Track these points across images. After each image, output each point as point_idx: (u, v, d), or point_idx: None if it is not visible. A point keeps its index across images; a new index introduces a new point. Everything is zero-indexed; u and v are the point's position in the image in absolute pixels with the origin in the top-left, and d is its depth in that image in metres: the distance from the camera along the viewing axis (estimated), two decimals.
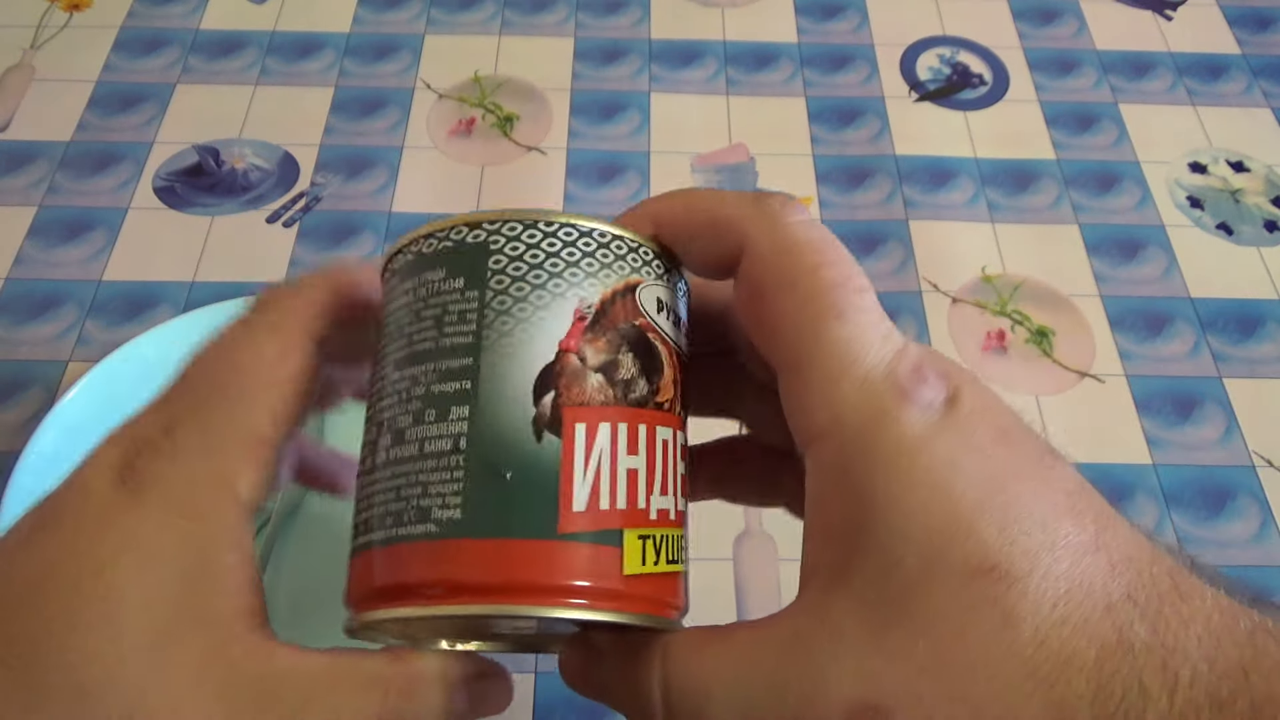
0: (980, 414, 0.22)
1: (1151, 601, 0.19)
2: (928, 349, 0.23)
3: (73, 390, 0.44)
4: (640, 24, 0.69)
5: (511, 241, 0.23)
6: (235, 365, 0.25)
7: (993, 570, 0.19)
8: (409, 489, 0.23)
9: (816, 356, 0.22)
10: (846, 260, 0.23)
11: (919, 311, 0.55)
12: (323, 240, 0.57)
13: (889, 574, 0.20)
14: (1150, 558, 0.20)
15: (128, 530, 0.23)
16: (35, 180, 0.59)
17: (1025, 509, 0.20)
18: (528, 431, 0.22)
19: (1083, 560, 0.20)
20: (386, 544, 0.23)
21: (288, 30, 0.68)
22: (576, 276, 0.24)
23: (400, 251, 0.25)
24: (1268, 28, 0.71)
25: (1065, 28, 0.71)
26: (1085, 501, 0.21)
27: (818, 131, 0.64)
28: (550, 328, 0.23)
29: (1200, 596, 0.20)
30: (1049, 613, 0.19)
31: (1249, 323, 0.55)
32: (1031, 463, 0.21)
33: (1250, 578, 0.47)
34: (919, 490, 0.20)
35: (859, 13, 0.71)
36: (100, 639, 0.22)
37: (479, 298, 0.23)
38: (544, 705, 0.42)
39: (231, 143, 0.61)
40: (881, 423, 0.21)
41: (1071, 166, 0.62)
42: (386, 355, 0.25)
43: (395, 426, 0.23)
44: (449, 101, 0.64)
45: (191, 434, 0.24)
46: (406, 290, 0.24)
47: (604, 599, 0.22)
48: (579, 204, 0.59)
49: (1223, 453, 0.50)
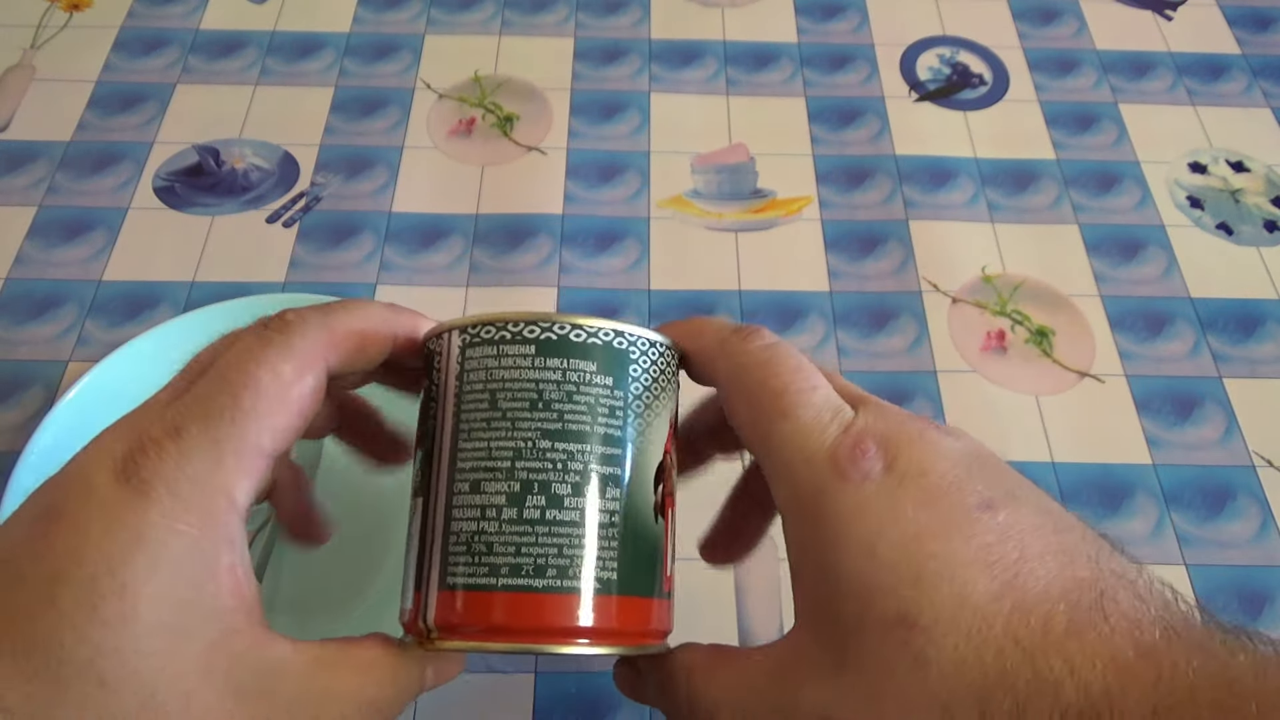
0: (912, 479, 0.26)
1: (1038, 643, 0.23)
2: (880, 412, 0.27)
3: (73, 390, 0.44)
4: (640, 24, 0.69)
5: (643, 355, 0.29)
6: (251, 381, 0.26)
7: (904, 620, 0.24)
8: (571, 549, 0.27)
9: (771, 450, 0.28)
10: (788, 370, 0.28)
11: (919, 311, 0.55)
12: (323, 240, 0.57)
13: (836, 625, 0.25)
14: (1058, 596, 0.24)
15: (136, 530, 0.24)
16: (35, 180, 0.59)
17: (938, 565, 0.24)
18: (650, 513, 0.29)
19: (984, 608, 0.23)
20: (548, 591, 0.27)
21: (288, 30, 0.68)
22: (670, 390, 0.30)
23: (530, 323, 0.28)
24: (1268, 28, 0.71)
25: (1065, 28, 0.71)
26: (1001, 551, 0.24)
27: (818, 131, 0.64)
28: (662, 430, 0.29)
29: (1095, 630, 0.23)
30: (950, 654, 0.23)
31: (1249, 323, 0.55)
32: (953, 521, 0.25)
33: (1250, 578, 0.47)
34: (853, 557, 0.25)
35: (859, 13, 0.71)
36: (117, 633, 0.23)
37: (624, 399, 0.29)
38: (544, 705, 0.42)
39: (231, 143, 0.62)
40: (823, 500, 0.26)
41: (1071, 166, 0.62)
42: (523, 418, 0.28)
43: (551, 491, 0.27)
44: (449, 101, 0.64)
45: (200, 442, 0.25)
46: (551, 368, 0.28)
47: (664, 636, 0.30)
48: (579, 204, 0.59)
49: (1223, 453, 0.50)
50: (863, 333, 0.54)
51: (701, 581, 0.32)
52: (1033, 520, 0.25)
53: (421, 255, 0.56)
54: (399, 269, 0.56)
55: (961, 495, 0.26)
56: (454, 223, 0.58)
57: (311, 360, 0.27)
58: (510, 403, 0.28)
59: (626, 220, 0.59)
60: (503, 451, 0.27)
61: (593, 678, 0.43)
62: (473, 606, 0.27)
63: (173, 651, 0.24)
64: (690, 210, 0.59)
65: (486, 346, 0.28)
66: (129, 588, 0.23)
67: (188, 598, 0.24)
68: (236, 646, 0.25)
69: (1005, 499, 0.26)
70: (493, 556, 0.27)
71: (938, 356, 0.53)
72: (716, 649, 0.29)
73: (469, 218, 0.58)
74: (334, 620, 0.42)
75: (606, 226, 0.58)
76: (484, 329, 0.29)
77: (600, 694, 0.42)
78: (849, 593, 0.25)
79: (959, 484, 0.26)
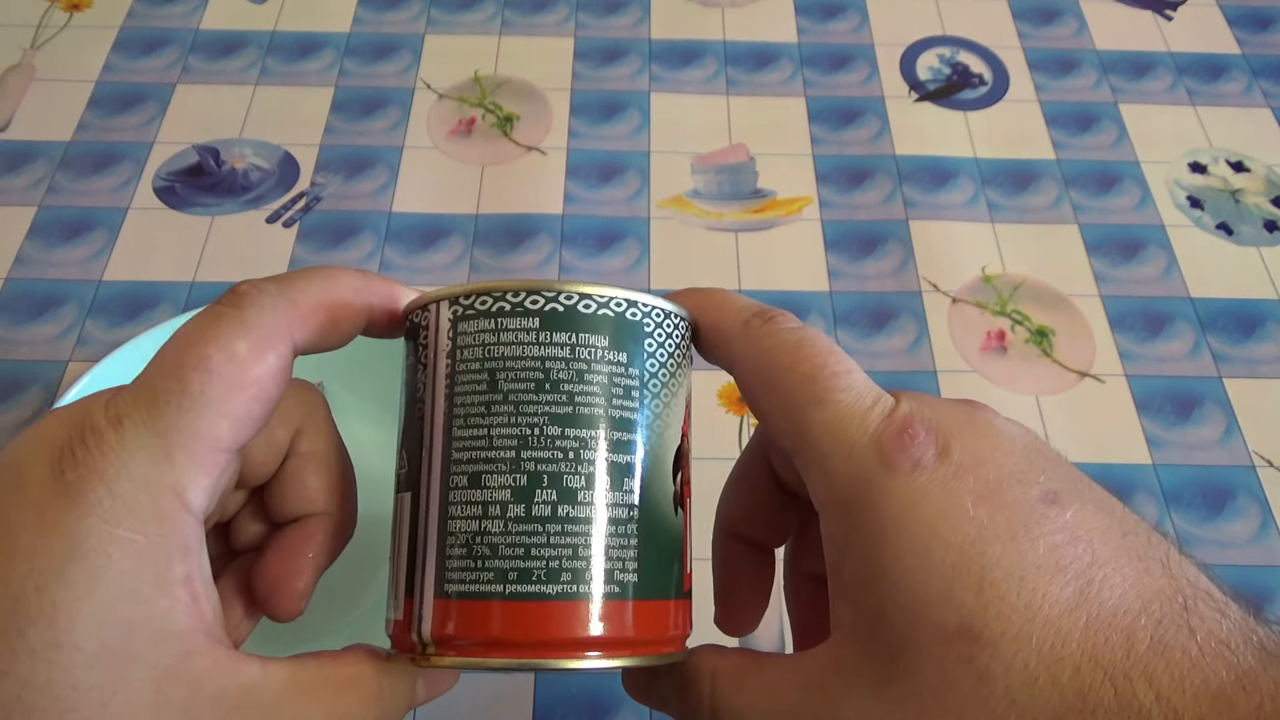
0: (969, 469, 0.23)
1: (1120, 663, 0.20)
2: (922, 399, 0.25)
3: (73, 390, 0.44)
4: (640, 24, 0.69)
5: (658, 327, 0.26)
6: (200, 362, 0.22)
7: (968, 632, 0.21)
8: (587, 550, 0.24)
9: (806, 442, 0.25)
10: (821, 353, 0.25)
11: (919, 311, 0.55)
12: (323, 240, 0.57)
13: (885, 634, 0.22)
14: (1138, 609, 0.21)
15: (70, 536, 0.21)
16: (35, 180, 0.59)
17: (1003, 570, 0.21)
18: (670, 504, 0.26)
19: (1058, 620, 0.21)
20: (563, 598, 0.24)
21: (288, 30, 0.68)
22: (686, 367, 0.27)
23: (534, 292, 0.25)
24: (1268, 28, 0.71)
25: (1065, 28, 0.71)
26: (1073, 553, 0.22)
27: (818, 131, 0.64)
28: (679, 412, 0.27)
29: (1183, 650, 0.20)
30: (1020, 672, 0.20)
31: (1249, 323, 0.55)
32: (1018, 518, 0.22)
33: (1250, 578, 0.47)
34: (904, 558, 0.22)
35: (859, 13, 0.71)
36: (47, 665, 0.20)
37: (640, 377, 0.26)
38: (544, 705, 0.42)
39: (231, 143, 0.62)
40: (869, 493, 0.23)
41: (1071, 166, 0.62)
42: (528, 401, 0.25)
43: (564, 484, 0.24)
44: (449, 101, 0.64)
45: (142, 432, 0.22)
46: (559, 344, 0.25)
47: (685, 640, 0.27)
48: (579, 204, 0.59)
49: (1223, 453, 0.50)
50: (863, 333, 0.54)
51: (705, 578, 0.31)
52: (1100, 519, 0.23)
53: (421, 255, 0.56)
54: (399, 269, 0.56)
55: (1025, 488, 0.23)
56: (454, 223, 0.58)
57: (271, 336, 0.24)
58: (513, 384, 0.25)
59: (626, 220, 0.59)
60: (506, 440, 0.24)
61: (594, 677, 0.43)
62: (475, 617, 0.24)
63: (117, 683, 0.20)
64: (690, 210, 0.59)
65: (483, 320, 0.25)
66: (61, 608, 0.20)
67: (133, 617, 0.21)
68: (194, 672, 0.22)
69: (1070, 493, 0.23)
70: (498, 560, 0.24)
71: (938, 356, 0.53)
72: (744, 654, 0.26)
73: (469, 218, 0.58)
74: (333, 622, 0.42)
75: (606, 226, 0.58)
76: (478, 299, 0.25)
77: (601, 693, 0.42)
78: (901, 599, 0.22)
79: (1021, 474, 0.23)
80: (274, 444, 0.27)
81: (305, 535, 0.27)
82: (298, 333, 0.25)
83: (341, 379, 0.45)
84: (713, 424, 0.50)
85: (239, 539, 0.28)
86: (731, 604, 0.31)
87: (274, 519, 0.28)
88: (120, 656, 0.21)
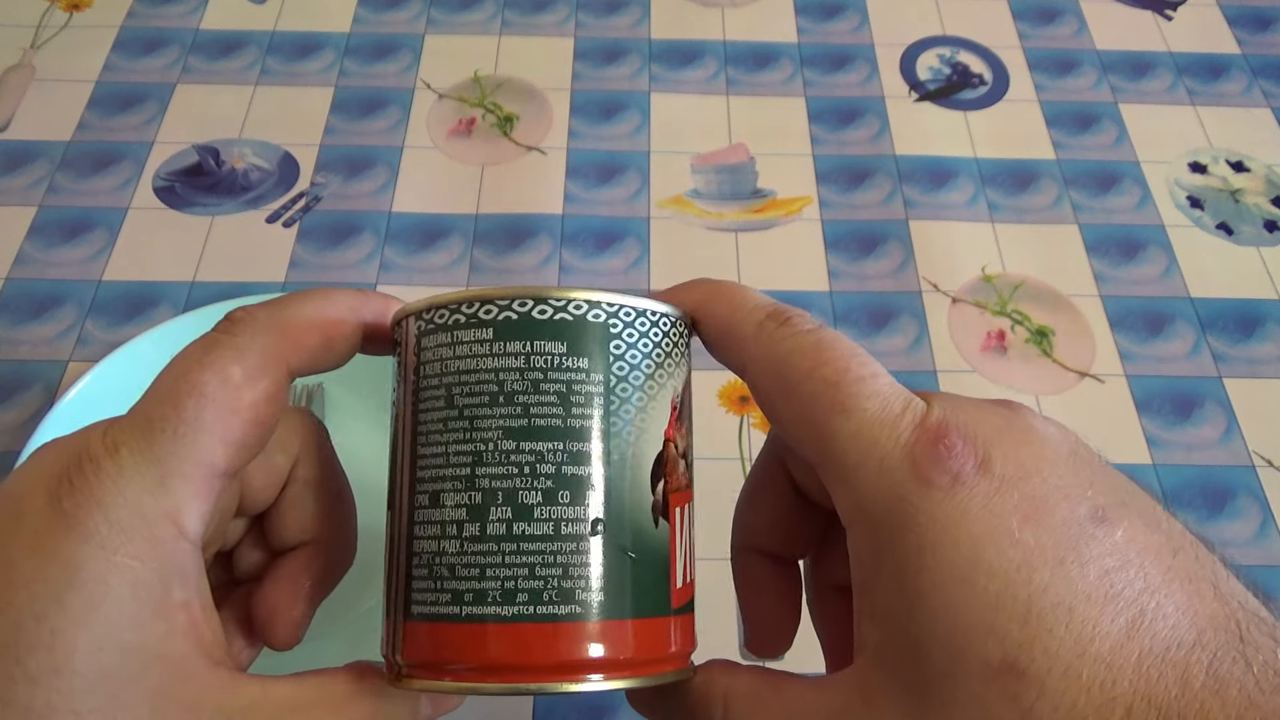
0: (1012, 483, 0.21)
1: (1174, 703, 0.19)
2: (955, 403, 0.23)
3: (73, 390, 0.44)
4: (640, 24, 0.69)
5: (628, 328, 0.25)
6: (194, 388, 0.23)
7: (1012, 668, 0.20)
8: (545, 569, 0.23)
9: (832, 453, 0.23)
10: (843, 356, 0.23)
11: (919, 311, 0.55)
12: (323, 240, 0.57)
13: (919, 665, 0.21)
14: (1193, 642, 0.20)
15: (69, 564, 0.21)
16: (35, 180, 0.59)
17: (1051, 599, 0.20)
18: (648, 517, 0.24)
19: (1109, 656, 0.19)
20: (519, 620, 0.23)
21: (288, 30, 0.68)
22: (670, 367, 0.25)
23: (487, 302, 0.24)
24: (1268, 28, 0.71)
25: (1065, 28, 0.71)
26: (1125, 579, 0.20)
27: (818, 131, 0.64)
28: (659, 417, 0.25)
29: (1239, 685, 0.19)
30: (1068, 712, 0.19)
31: (1249, 323, 0.55)
32: (1067, 539, 0.21)
33: (1250, 578, 0.47)
34: (945, 586, 0.21)
35: (859, 13, 0.71)
36: (47, 692, 0.20)
37: (604, 382, 0.24)
38: (544, 704, 0.42)
39: (231, 143, 0.62)
40: (904, 510, 0.22)
41: (1071, 166, 0.62)
42: (482, 416, 0.24)
43: (519, 501, 0.23)
44: (449, 101, 0.64)
45: (138, 459, 0.22)
46: (513, 354, 0.24)
47: (686, 658, 0.26)
48: (579, 204, 0.59)
49: (1223, 453, 0.50)
50: (863, 333, 0.54)
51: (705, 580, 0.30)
52: (1148, 537, 0.21)
53: (421, 255, 0.56)
54: (399, 269, 0.56)
55: (1073, 505, 0.21)
56: (454, 223, 0.58)
57: (265, 361, 0.24)
58: (468, 398, 0.24)
59: (626, 220, 0.59)
60: (461, 457, 0.24)
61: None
62: (439, 639, 0.23)
63: (116, 707, 0.21)
64: (690, 210, 0.59)
65: (441, 333, 0.24)
66: (60, 635, 0.20)
67: (132, 642, 0.21)
68: (193, 694, 0.22)
69: (1118, 508, 0.21)
70: (455, 581, 0.23)
71: (938, 356, 0.53)
72: (759, 674, 0.25)
73: (469, 218, 0.58)
74: (332, 624, 0.42)
75: (606, 226, 0.58)
76: (438, 313, 0.24)
77: (601, 697, 0.42)
78: (939, 631, 0.21)
79: (1068, 490, 0.21)
80: (273, 471, 0.27)
81: (303, 564, 0.27)
82: (292, 356, 0.24)
83: (340, 378, 0.45)
84: (713, 424, 0.50)
85: (240, 568, 0.28)
86: (760, 624, 0.29)
87: (273, 547, 0.28)
88: (119, 681, 0.21)
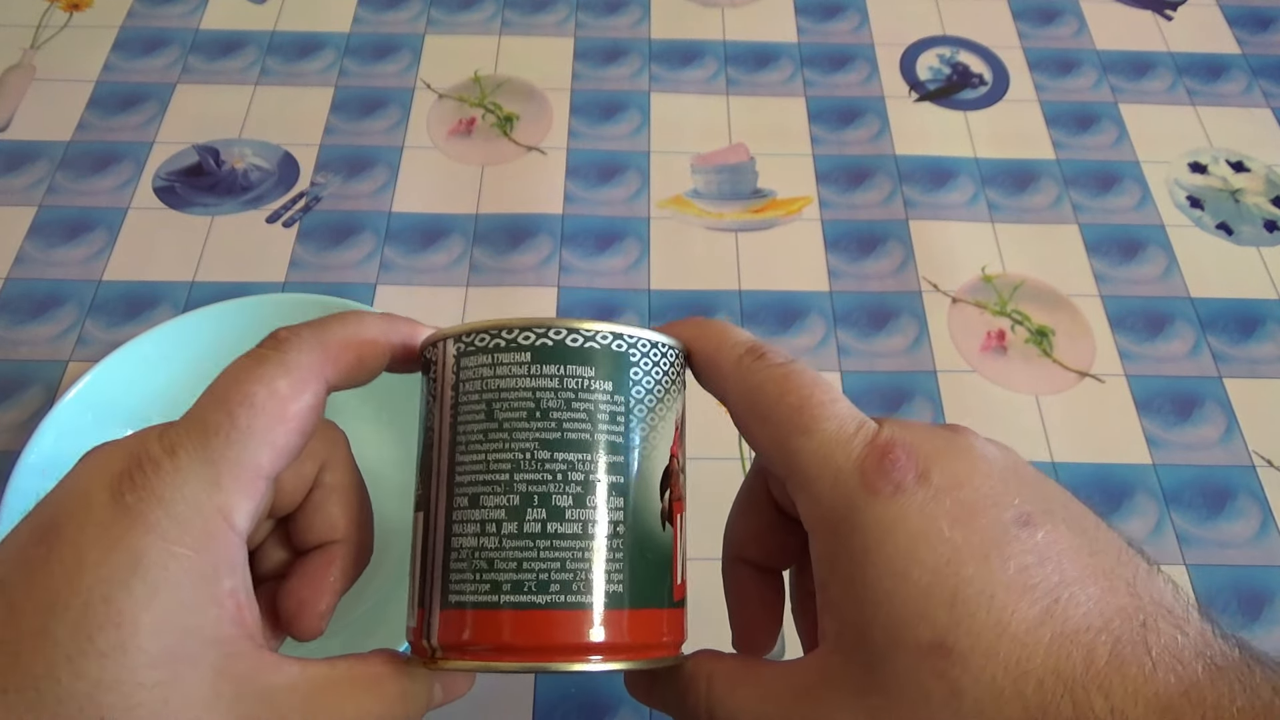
0: (946, 492, 0.24)
1: (1079, 677, 0.22)
2: (904, 425, 0.26)
3: (73, 390, 0.44)
4: (640, 24, 0.69)
5: (644, 357, 0.28)
6: (246, 398, 0.25)
7: (940, 648, 0.23)
8: (575, 563, 0.26)
9: (795, 468, 0.26)
10: (806, 385, 0.27)
11: (919, 311, 0.55)
12: (323, 240, 0.57)
13: (866, 648, 0.24)
14: (1100, 626, 0.22)
15: (132, 552, 0.23)
16: (35, 180, 0.59)
17: (975, 589, 0.23)
18: (658, 521, 0.28)
19: (1024, 636, 0.22)
20: (552, 608, 0.26)
21: (288, 30, 0.68)
22: (675, 392, 0.29)
23: (526, 329, 0.27)
24: (1268, 28, 0.71)
25: (1065, 28, 0.71)
26: (1042, 573, 0.23)
27: (818, 131, 0.64)
28: (667, 434, 0.29)
29: (1138, 665, 0.22)
30: (988, 686, 0.22)
31: (1249, 323, 0.55)
32: (991, 539, 0.24)
33: (1250, 578, 0.47)
34: (884, 579, 0.24)
35: (859, 13, 0.71)
36: (115, 665, 0.22)
37: (625, 404, 0.28)
38: (544, 705, 0.42)
39: (231, 143, 0.62)
40: (852, 516, 0.25)
41: (1071, 166, 0.62)
42: (521, 429, 0.27)
43: (552, 503, 0.26)
44: (449, 101, 0.64)
45: (195, 460, 0.24)
46: (549, 375, 0.27)
47: (679, 647, 0.29)
48: (578, 204, 0.59)
49: (1223, 453, 0.50)
50: (863, 333, 0.54)
51: (696, 583, 0.31)
52: (1070, 540, 0.24)
53: (421, 255, 0.56)
54: (399, 269, 0.56)
55: (999, 511, 0.24)
56: (454, 223, 0.58)
57: (308, 376, 0.26)
58: (507, 413, 0.27)
59: (626, 220, 0.59)
60: (501, 464, 0.27)
61: (593, 677, 0.43)
62: (477, 625, 0.26)
63: (176, 681, 0.23)
64: (690, 210, 0.59)
65: (481, 355, 0.28)
66: (127, 615, 0.23)
67: (189, 624, 0.23)
68: (242, 671, 0.24)
69: (1043, 515, 0.25)
70: (494, 573, 0.26)
71: (938, 356, 0.53)
72: (739, 659, 0.28)
73: (469, 218, 0.58)
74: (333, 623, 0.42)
75: (606, 226, 0.58)
76: (478, 337, 0.28)
77: (600, 694, 0.42)
78: (880, 616, 0.24)
79: (996, 497, 0.25)
80: (302, 476, 0.29)
81: (327, 561, 0.29)
82: (331, 372, 0.27)
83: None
84: (713, 426, 0.50)
85: (263, 566, 0.30)
86: (745, 626, 0.32)
87: (297, 547, 0.30)
88: (178, 658, 0.23)
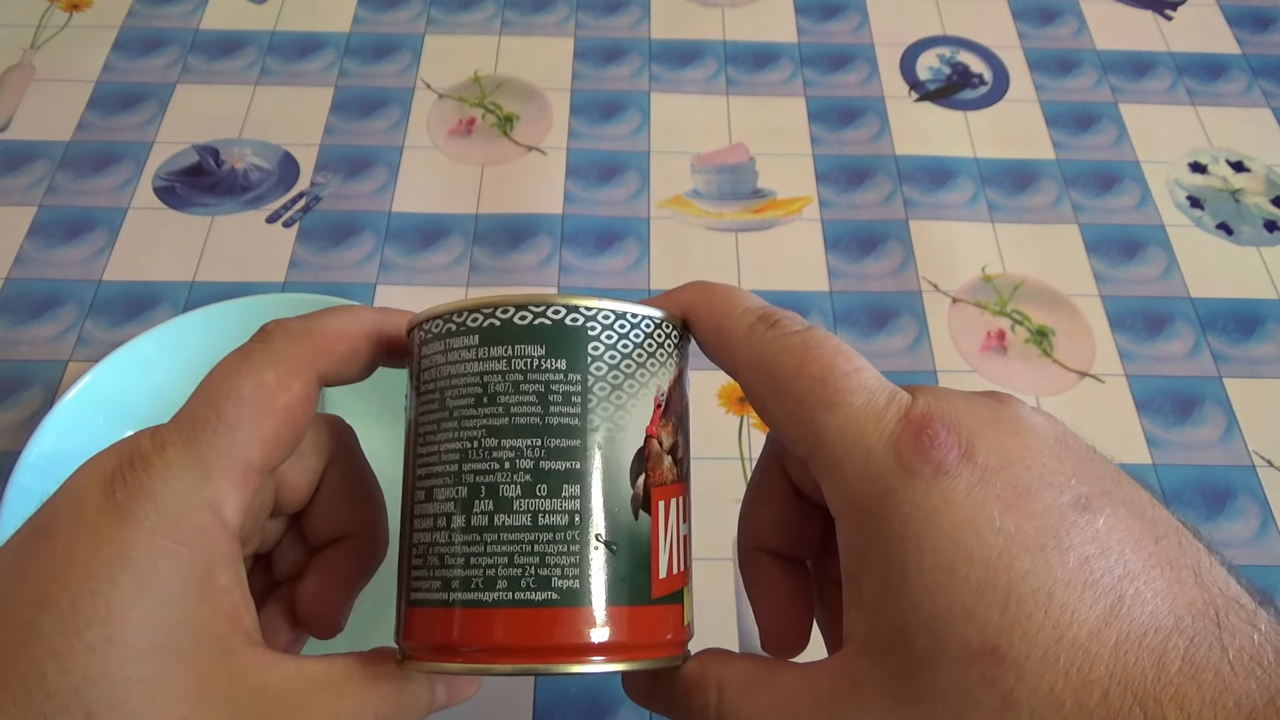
0: (995, 472, 0.22)
1: (1150, 686, 0.19)
2: (940, 394, 0.24)
3: (73, 390, 0.44)
4: (640, 24, 0.69)
5: (606, 330, 0.26)
6: (232, 391, 0.25)
7: (992, 653, 0.20)
8: (523, 557, 0.24)
9: (820, 447, 0.24)
10: (829, 353, 0.24)
11: (919, 311, 0.55)
12: (323, 240, 0.57)
13: (905, 651, 0.22)
14: (1170, 626, 0.20)
15: (121, 548, 0.23)
16: (35, 180, 0.59)
17: (1031, 586, 0.21)
18: (628, 510, 0.25)
19: (1086, 641, 0.20)
20: (498, 605, 0.24)
21: (288, 30, 0.68)
22: (654, 366, 0.26)
23: (474, 310, 0.26)
24: (1268, 28, 0.71)
25: (1065, 28, 0.71)
26: (1104, 566, 0.21)
27: (818, 131, 0.64)
28: (639, 414, 0.26)
29: (1215, 670, 0.19)
30: (1045, 696, 0.20)
31: (1249, 323, 0.55)
32: (1047, 527, 0.21)
33: (1250, 578, 0.47)
34: (927, 573, 0.21)
35: (859, 13, 0.71)
36: (103, 661, 0.22)
37: (581, 382, 0.25)
38: (544, 704, 0.42)
39: (231, 143, 0.62)
40: (888, 501, 0.22)
41: (1071, 166, 0.62)
42: (469, 416, 0.25)
43: (500, 494, 0.25)
44: (449, 101, 0.64)
45: (184, 455, 0.24)
46: (496, 357, 0.25)
47: (676, 646, 0.27)
48: (578, 204, 0.59)
49: (1223, 453, 0.50)
50: (863, 333, 0.54)
51: (703, 580, 0.30)
52: (1131, 525, 0.22)
53: (421, 255, 0.56)
54: (399, 269, 0.56)
55: (1055, 492, 0.22)
56: (454, 223, 0.58)
57: (297, 367, 0.26)
58: (456, 400, 0.26)
59: (626, 220, 0.59)
60: (450, 454, 0.25)
61: (594, 678, 0.43)
62: (431, 625, 0.25)
63: (164, 677, 0.22)
64: (690, 210, 0.59)
65: (437, 342, 0.26)
66: (115, 610, 0.22)
67: (179, 620, 0.23)
68: (234, 668, 0.24)
69: (1101, 497, 0.22)
70: (445, 570, 0.25)
71: (938, 356, 0.53)
72: (753, 662, 0.26)
73: (469, 217, 0.58)
74: None
75: (606, 226, 0.58)
76: (433, 322, 0.27)
77: (601, 694, 0.42)
78: (922, 616, 0.21)
79: (1051, 477, 0.22)
80: (307, 471, 0.28)
81: (341, 557, 0.29)
82: (321, 363, 0.27)
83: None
84: (712, 424, 0.50)
85: (281, 568, 0.30)
86: (774, 622, 0.30)
87: (311, 544, 0.30)
88: (167, 654, 0.23)
